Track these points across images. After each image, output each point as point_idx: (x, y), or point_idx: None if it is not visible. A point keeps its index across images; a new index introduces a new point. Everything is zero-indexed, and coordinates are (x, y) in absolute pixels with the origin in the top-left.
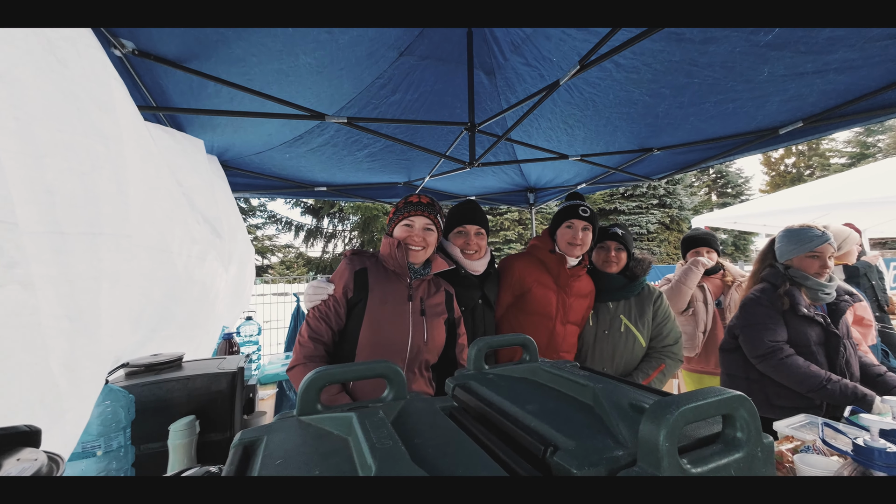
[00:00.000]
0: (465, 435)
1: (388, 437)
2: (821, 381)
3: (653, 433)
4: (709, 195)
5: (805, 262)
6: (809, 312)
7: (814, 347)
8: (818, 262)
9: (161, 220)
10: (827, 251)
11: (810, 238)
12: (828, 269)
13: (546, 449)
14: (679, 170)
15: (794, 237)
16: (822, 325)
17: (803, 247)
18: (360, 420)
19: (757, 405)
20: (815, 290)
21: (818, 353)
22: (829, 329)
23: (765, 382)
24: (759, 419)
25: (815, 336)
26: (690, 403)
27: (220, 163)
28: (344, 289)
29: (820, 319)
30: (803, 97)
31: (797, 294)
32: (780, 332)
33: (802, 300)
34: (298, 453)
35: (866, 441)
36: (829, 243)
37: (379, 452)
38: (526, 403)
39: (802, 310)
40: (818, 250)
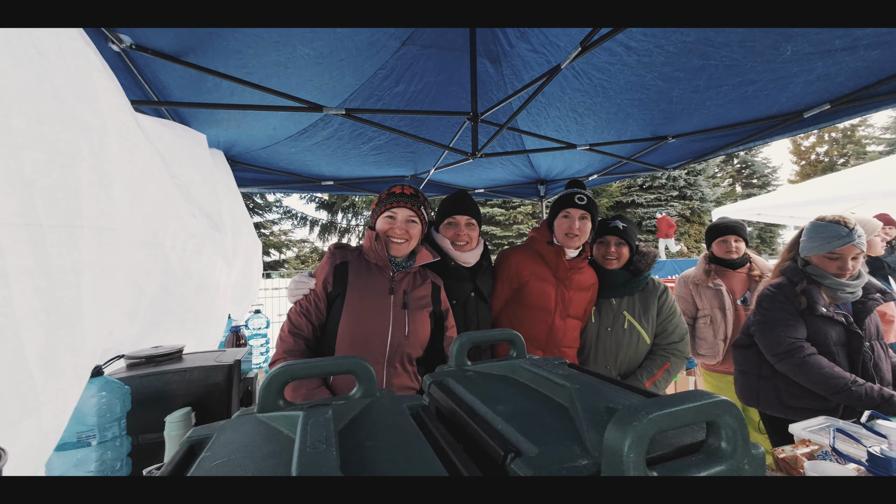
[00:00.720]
0: (424, 438)
1: (324, 441)
2: (846, 383)
3: (617, 441)
4: (733, 186)
5: (823, 262)
6: (828, 312)
7: (833, 348)
8: (837, 263)
9: (152, 214)
10: (849, 253)
11: (832, 238)
12: (848, 270)
13: (506, 455)
14: (695, 158)
15: (818, 233)
16: (844, 324)
17: (824, 246)
18: (305, 421)
19: (768, 404)
20: (835, 290)
21: (838, 353)
22: (851, 329)
23: (777, 381)
24: (747, 427)
25: (836, 336)
26: (664, 409)
27: (228, 158)
28: (324, 283)
29: (841, 319)
30: (831, 77)
31: (815, 293)
32: (799, 329)
33: (821, 299)
34: (242, 453)
35: (883, 450)
36: (853, 244)
37: (305, 458)
38: (498, 403)
39: (821, 309)
40: (839, 251)
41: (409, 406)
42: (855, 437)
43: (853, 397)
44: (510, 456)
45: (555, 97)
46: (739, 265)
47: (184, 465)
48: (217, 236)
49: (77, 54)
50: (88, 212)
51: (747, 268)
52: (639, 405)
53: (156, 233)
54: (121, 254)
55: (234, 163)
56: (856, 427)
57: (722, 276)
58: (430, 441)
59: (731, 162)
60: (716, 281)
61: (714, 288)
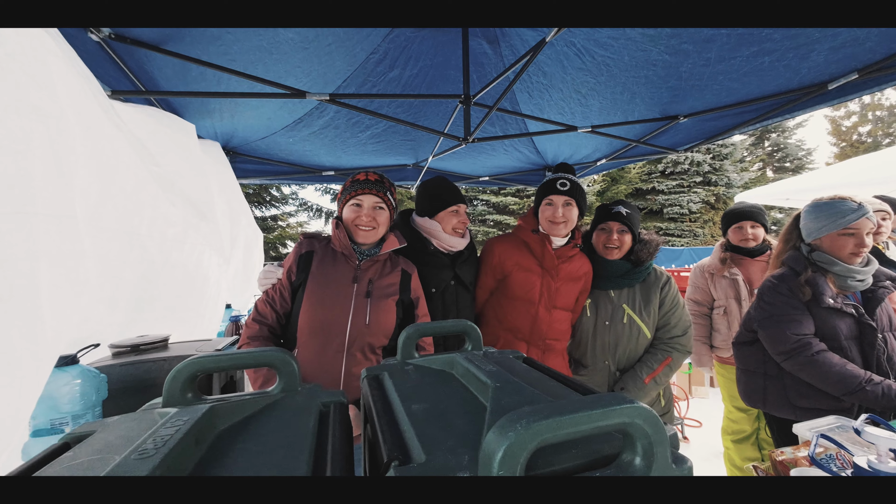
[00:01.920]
0: (312, 440)
1: (159, 445)
2: (860, 382)
3: (488, 453)
4: (763, 170)
5: (838, 242)
6: (836, 304)
7: (844, 342)
8: (854, 240)
9: (125, 202)
10: (865, 227)
11: (844, 212)
12: (865, 248)
13: (389, 462)
14: (710, 138)
15: (823, 211)
16: (854, 316)
17: (836, 222)
18: (162, 420)
19: (775, 405)
20: (844, 277)
21: (849, 348)
22: (862, 321)
23: (784, 380)
24: (668, 440)
25: (846, 329)
26: (551, 417)
27: (228, 149)
28: (288, 272)
29: (851, 310)
30: (859, 42)
31: (821, 282)
32: (806, 324)
33: (828, 289)
34: (104, 452)
35: (871, 463)
36: (867, 217)
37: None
38: (417, 402)
39: (828, 301)
40: (854, 226)
41: (323, 403)
42: (840, 444)
43: (869, 397)
44: (394, 463)
45: (556, 78)
46: (758, 253)
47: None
48: (204, 226)
49: (32, 38)
50: (44, 199)
51: (767, 255)
52: (524, 411)
53: (130, 221)
54: (87, 241)
55: (234, 154)
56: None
57: (739, 264)
58: (319, 443)
59: (761, 145)
60: (732, 270)
61: (730, 277)
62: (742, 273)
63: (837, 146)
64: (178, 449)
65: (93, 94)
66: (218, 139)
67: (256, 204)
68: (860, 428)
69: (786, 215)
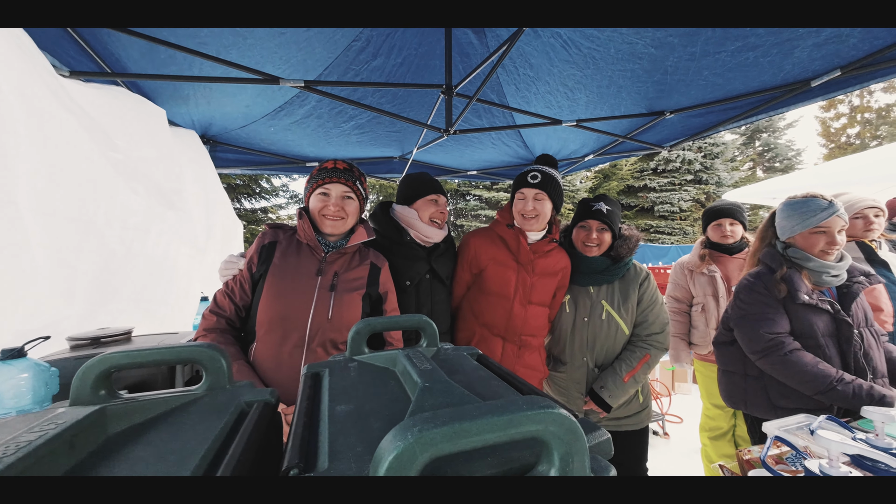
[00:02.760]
0: (215, 443)
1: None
2: (830, 382)
3: (377, 463)
4: (753, 170)
5: (810, 239)
6: (812, 300)
7: (822, 339)
8: (825, 237)
9: (78, 189)
10: (835, 224)
11: (815, 210)
12: (836, 245)
13: (289, 469)
14: (695, 135)
15: (796, 210)
16: (831, 312)
17: (806, 221)
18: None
19: (758, 406)
20: (819, 273)
21: (827, 345)
22: (838, 317)
23: (766, 380)
24: (587, 449)
25: (823, 326)
26: (450, 423)
27: (208, 138)
28: (248, 263)
29: (826, 307)
30: (842, 38)
31: (797, 279)
32: (780, 322)
33: (803, 285)
34: None
35: (822, 467)
36: (837, 215)
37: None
38: (343, 403)
39: (803, 297)
40: (825, 224)
41: (247, 402)
42: (794, 446)
43: (839, 397)
44: (293, 471)
45: (543, 70)
46: (736, 250)
47: None
48: (172, 215)
49: None
50: None
51: (745, 253)
52: (420, 418)
53: (84, 209)
54: (34, 229)
55: (214, 143)
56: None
57: (717, 261)
58: (222, 446)
59: (752, 144)
60: (710, 267)
61: (708, 274)
62: (720, 270)
63: (826, 147)
64: (37, 456)
65: (38, 72)
66: (195, 127)
67: (246, 196)
68: (815, 431)
69: None
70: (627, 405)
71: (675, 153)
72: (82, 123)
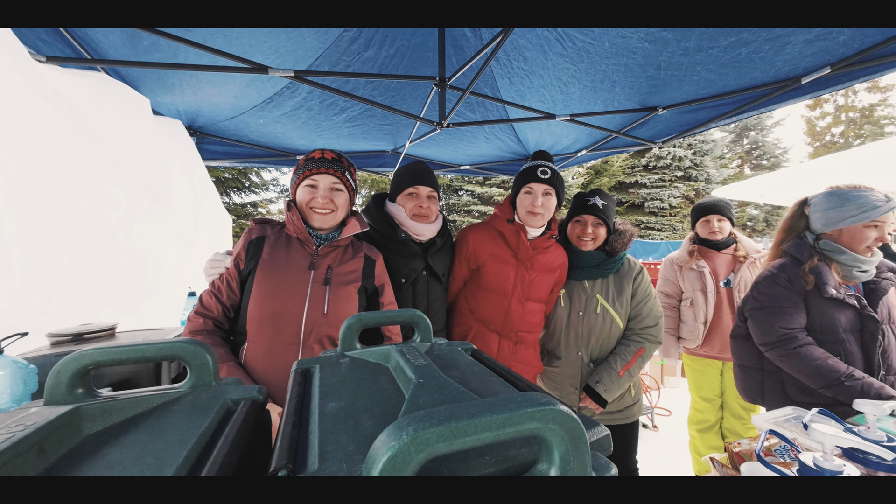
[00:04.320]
0: (197, 441)
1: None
2: (838, 377)
3: (371, 464)
4: (741, 167)
5: (862, 233)
6: (839, 294)
7: (843, 335)
8: (877, 233)
9: (56, 180)
10: (889, 220)
11: (875, 203)
12: (883, 242)
13: (277, 470)
14: (687, 131)
15: (851, 201)
16: (856, 308)
17: (865, 213)
18: (6, 425)
19: (773, 400)
20: (850, 267)
21: (849, 340)
22: (864, 312)
23: (783, 374)
24: (588, 447)
25: (846, 321)
26: (447, 422)
27: (195, 129)
28: (235, 260)
29: (853, 301)
30: (832, 35)
31: (825, 271)
32: (796, 317)
33: (831, 278)
34: None
35: (816, 460)
36: (894, 211)
37: None
38: (334, 400)
39: (830, 290)
40: (882, 219)
41: (233, 400)
42: (787, 439)
43: (846, 392)
44: (281, 472)
45: (537, 63)
46: (724, 246)
47: None
48: (157, 208)
49: None
50: None
51: (733, 249)
52: (416, 416)
53: (63, 201)
54: (7, 222)
55: (201, 135)
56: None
57: (706, 257)
58: (206, 447)
59: (740, 142)
60: (699, 262)
61: (697, 270)
62: (709, 265)
63: (812, 146)
64: (0, 461)
65: (11, 56)
66: (181, 118)
67: (235, 189)
68: (809, 424)
69: (761, 212)
70: (620, 400)
71: (666, 150)
72: (59, 111)
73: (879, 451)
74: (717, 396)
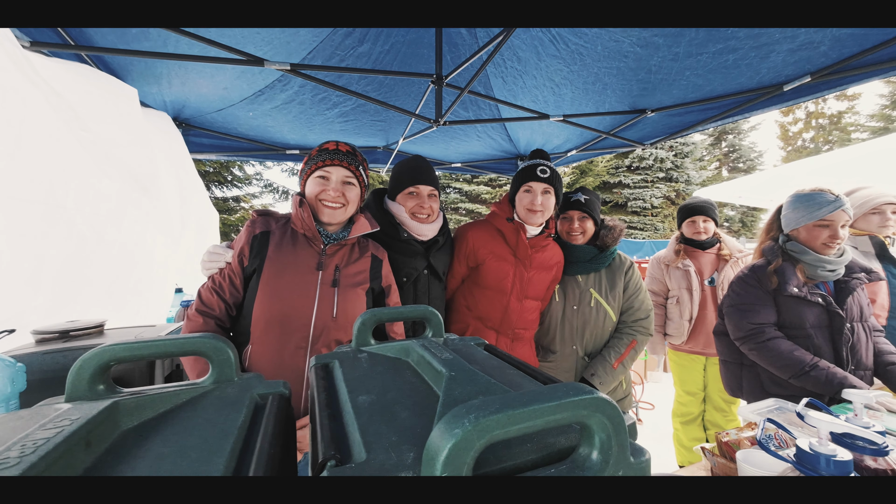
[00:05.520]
0: (237, 437)
1: (28, 452)
2: (803, 367)
3: (433, 455)
4: (719, 169)
5: (813, 232)
6: (801, 292)
7: (810, 330)
8: (828, 231)
9: (45, 170)
10: (840, 219)
11: (820, 203)
12: (838, 240)
13: (325, 462)
14: (674, 133)
15: (802, 203)
16: (822, 305)
17: (812, 214)
18: (43, 419)
19: (751, 393)
20: (815, 267)
21: (816, 335)
22: (831, 309)
23: (758, 369)
24: (627, 431)
25: (814, 318)
26: (504, 410)
27: (181, 121)
28: (239, 255)
29: (818, 300)
30: (814, 45)
31: (788, 271)
32: (765, 313)
33: (794, 279)
34: None
35: (812, 445)
36: (843, 210)
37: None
38: (365, 393)
39: (791, 289)
40: (829, 218)
41: (260, 395)
42: (784, 427)
43: (812, 381)
44: (329, 463)
45: (531, 64)
46: (709, 246)
47: None
48: (147, 202)
49: None
50: None
51: (717, 248)
52: (473, 405)
53: (52, 192)
54: None
55: (187, 127)
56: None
57: (692, 256)
58: (246, 441)
59: (718, 145)
60: (685, 261)
61: (683, 268)
62: (694, 264)
63: (784, 150)
64: (56, 454)
65: None
66: (167, 109)
67: (217, 183)
68: (803, 413)
69: (737, 213)
70: (613, 393)
71: (649, 151)
72: (49, 99)
73: (869, 436)
74: (700, 390)
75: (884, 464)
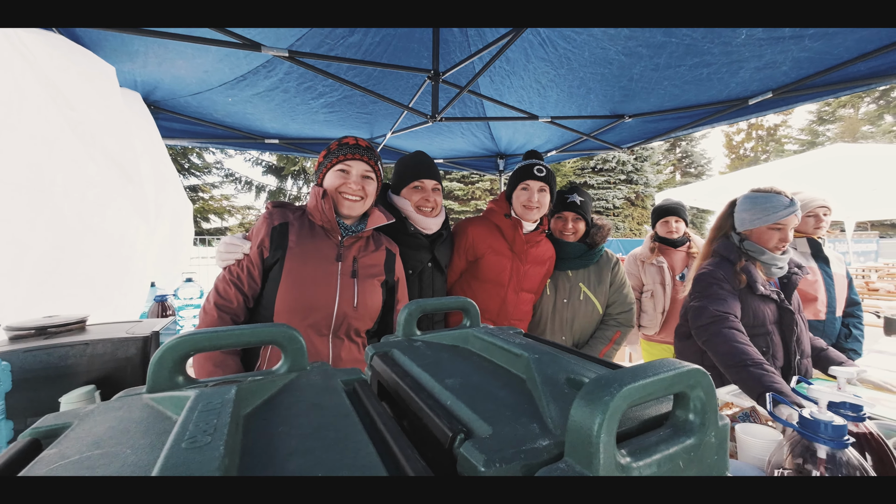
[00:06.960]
0: (357, 418)
1: (210, 431)
2: (744, 360)
3: (586, 420)
4: (673, 173)
5: (767, 234)
6: (766, 290)
7: (770, 327)
8: (779, 234)
9: (32, 151)
10: (792, 223)
11: (777, 206)
12: (787, 242)
13: (455, 436)
14: (648, 139)
15: (758, 204)
16: (776, 301)
17: (768, 216)
18: (194, 404)
19: None
20: (769, 266)
21: (773, 332)
22: (783, 306)
23: (714, 371)
24: (716, 397)
25: (771, 315)
26: (637, 381)
27: (150, 103)
28: (259, 247)
29: (774, 296)
30: (777, 65)
31: (753, 270)
32: (731, 304)
33: (759, 276)
34: (104, 448)
35: (812, 413)
36: (795, 214)
37: (177, 455)
38: (448, 377)
39: (760, 288)
40: (783, 222)
41: (344, 381)
42: (787, 402)
43: (743, 376)
44: (459, 437)
45: (519, 65)
46: (680, 244)
47: (16, 465)
48: (131, 189)
49: None
50: None
51: (687, 246)
52: (608, 377)
53: (39, 175)
54: None
55: (156, 109)
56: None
57: (665, 253)
58: (364, 422)
59: (673, 151)
60: (658, 258)
61: (657, 265)
62: (667, 261)
63: (729, 157)
64: (228, 435)
65: None
66: (137, 89)
67: None
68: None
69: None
70: None
71: (612, 154)
72: (35, 73)
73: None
74: None
75: (864, 428)
